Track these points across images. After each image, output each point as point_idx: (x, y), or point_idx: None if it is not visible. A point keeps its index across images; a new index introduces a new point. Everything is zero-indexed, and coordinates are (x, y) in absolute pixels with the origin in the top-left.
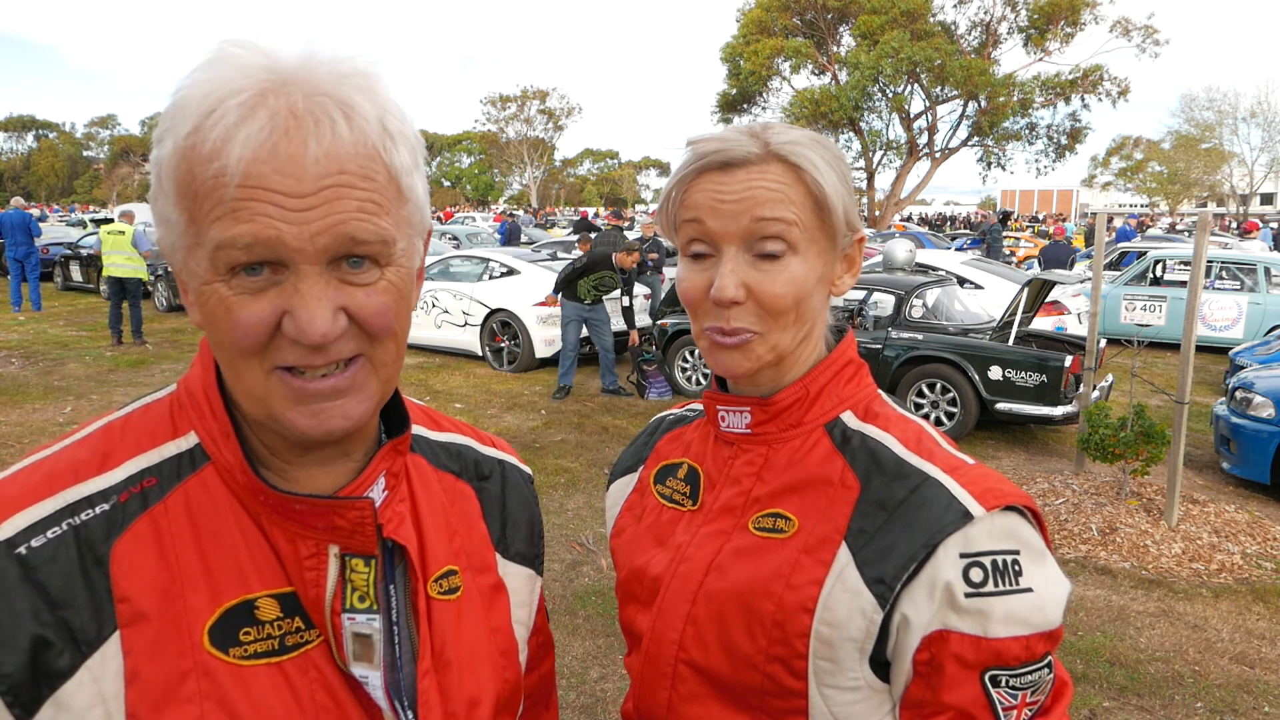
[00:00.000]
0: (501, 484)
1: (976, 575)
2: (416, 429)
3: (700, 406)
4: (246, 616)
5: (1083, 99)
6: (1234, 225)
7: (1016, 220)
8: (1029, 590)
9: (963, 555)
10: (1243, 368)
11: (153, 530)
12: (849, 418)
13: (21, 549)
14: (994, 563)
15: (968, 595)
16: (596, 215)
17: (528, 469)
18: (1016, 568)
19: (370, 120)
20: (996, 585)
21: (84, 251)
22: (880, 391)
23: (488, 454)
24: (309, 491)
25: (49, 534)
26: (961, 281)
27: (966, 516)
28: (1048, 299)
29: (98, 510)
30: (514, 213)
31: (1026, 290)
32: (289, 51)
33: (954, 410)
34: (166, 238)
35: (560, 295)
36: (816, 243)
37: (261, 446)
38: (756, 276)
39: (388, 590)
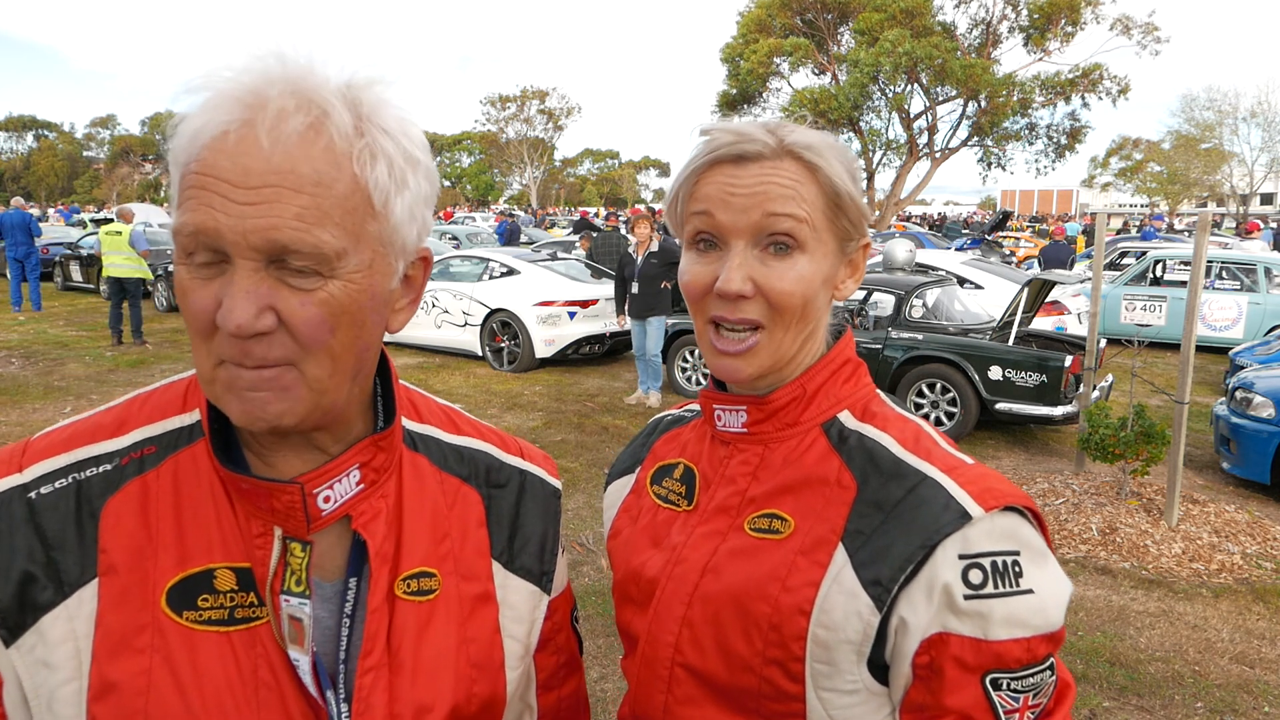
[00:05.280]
0: (518, 494)
1: (976, 577)
2: (430, 430)
3: (698, 407)
4: (206, 584)
5: (1083, 98)
6: (1233, 225)
7: (1017, 220)
8: (1030, 591)
9: (961, 556)
10: (1243, 368)
11: (141, 493)
12: (846, 417)
13: (33, 494)
14: (994, 564)
15: (967, 597)
16: (596, 215)
17: (556, 482)
18: (1017, 569)
19: (343, 129)
20: (996, 587)
21: (84, 251)
22: (879, 391)
23: (509, 462)
24: (281, 476)
25: (57, 484)
26: (961, 281)
27: (965, 517)
28: (1048, 299)
29: (100, 470)
30: (514, 213)
31: (1026, 290)
32: (282, 61)
33: (954, 410)
34: None
35: None
36: (824, 243)
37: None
38: (764, 272)
39: (347, 582)
